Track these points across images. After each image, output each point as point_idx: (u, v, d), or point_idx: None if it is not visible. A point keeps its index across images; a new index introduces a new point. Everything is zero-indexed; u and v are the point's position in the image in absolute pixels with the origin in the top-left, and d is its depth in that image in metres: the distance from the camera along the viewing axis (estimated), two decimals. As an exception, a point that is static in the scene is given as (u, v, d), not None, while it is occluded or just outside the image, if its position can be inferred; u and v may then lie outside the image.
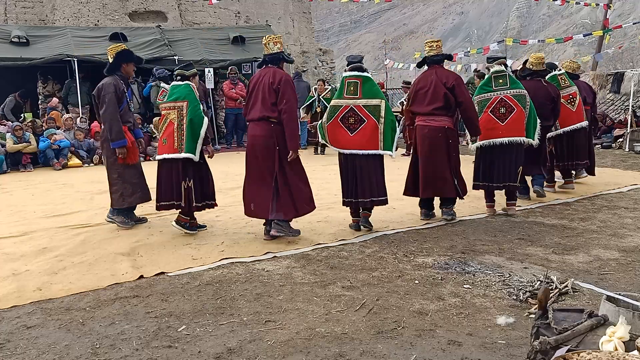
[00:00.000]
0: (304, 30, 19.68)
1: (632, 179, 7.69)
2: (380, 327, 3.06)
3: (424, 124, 5.40)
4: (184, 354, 2.79)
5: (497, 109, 5.67)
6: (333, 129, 5.06)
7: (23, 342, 2.96)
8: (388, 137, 5.00)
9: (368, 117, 4.97)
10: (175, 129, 4.98)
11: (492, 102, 5.69)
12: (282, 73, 4.76)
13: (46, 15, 15.45)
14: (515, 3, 60.98)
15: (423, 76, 5.53)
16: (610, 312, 2.15)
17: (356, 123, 4.97)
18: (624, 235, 4.89)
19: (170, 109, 5.07)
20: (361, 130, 4.96)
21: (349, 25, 78.52)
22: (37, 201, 7.00)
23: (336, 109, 5.05)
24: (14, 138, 10.04)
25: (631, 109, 11.65)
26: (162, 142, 5.11)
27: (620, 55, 29.30)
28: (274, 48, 4.78)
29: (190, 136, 4.94)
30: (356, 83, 5.00)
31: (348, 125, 4.99)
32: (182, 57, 12.85)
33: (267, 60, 4.83)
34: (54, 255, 4.58)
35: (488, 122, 5.63)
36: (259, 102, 4.72)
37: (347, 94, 5.02)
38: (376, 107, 4.97)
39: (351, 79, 5.03)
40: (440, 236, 4.97)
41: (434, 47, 5.53)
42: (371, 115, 4.97)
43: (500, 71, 5.76)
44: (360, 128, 4.96)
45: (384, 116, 4.98)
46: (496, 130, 5.62)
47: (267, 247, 4.65)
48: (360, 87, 4.99)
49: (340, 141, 5.03)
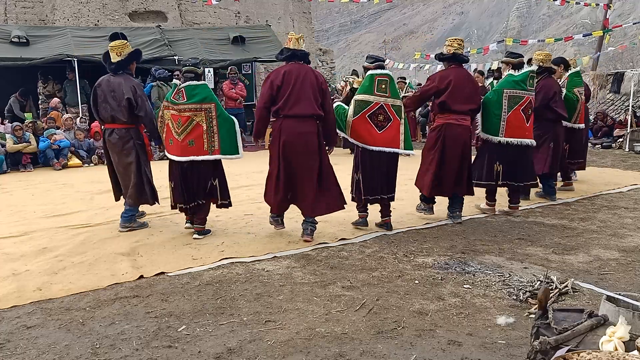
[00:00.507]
0: (304, 30, 19.68)
1: (632, 179, 7.69)
2: (380, 327, 3.06)
3: (457, 123, 5.35)
4: (184, 354, 2.79)
5: (527, 109, 5.57)
6: (360, 125, 5.03)
7: (23, 342, 2.96)
8: (408, 136, 5.14)
9: (394, 116, 5.04)
10: (205, 131, 4.88)
11: (525, 101, 5.53)
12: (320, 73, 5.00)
13: (46, 15, 15.46)
14: (515, 3, 60.98)
15: (456, 73, 5.40)
16: (610, 312, 2.15)
17: (385, 121, 5.01)
18: (624, 235, 4.89)
19: (197, 110, 4.88)
20: (389, 128, 5.02)
21: (349, 25, 78.54)
22: (37, 201, 7.00)
23: (366, 105, 5.02)
24: (14, 138, 10.04)
25: (631, 109, 11.66)
26: (187, 144, 4.89)
27: (620, 55, 29.29)
28: (302, 45, 4.85)
29: (228, 137, 4.97)
30: (386, 81, 5.02)
31: (377, 123, 5.00)
32: (182, 57, 12.87)
33: (299, 55, 4.83)
34: (54, 255, 4.58)
35: (517, 120, 5.53)
36: (306, 98, 4.70)
37: (378, 91, 5.01)
38: (400, 108, 5.08)
39: (382, 77, 5.04)
40: (440, 236, 4.97)
41: (462, 46, 5.51)
42: (396, 114, 5.04)
43: (533, 72, 5.69)
44: (388, 126, 5.01)
45: (403, 117, 5.11)
46: (523, 130, 5.56)
47: (267, 247, 4.65)
48: (389, 86, 5.03)
49: (367, 137, 5.02)
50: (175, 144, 4.95)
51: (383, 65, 5.21)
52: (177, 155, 4.93)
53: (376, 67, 5.11)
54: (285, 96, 4.67)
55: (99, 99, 5.29)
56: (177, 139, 4.91)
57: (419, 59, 18.82)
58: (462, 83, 5.33)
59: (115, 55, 5.23)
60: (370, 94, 5.01)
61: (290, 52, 4.79)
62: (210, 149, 4.90)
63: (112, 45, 5.30)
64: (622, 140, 11.53)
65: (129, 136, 5.28)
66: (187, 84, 4.91)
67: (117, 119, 5.24)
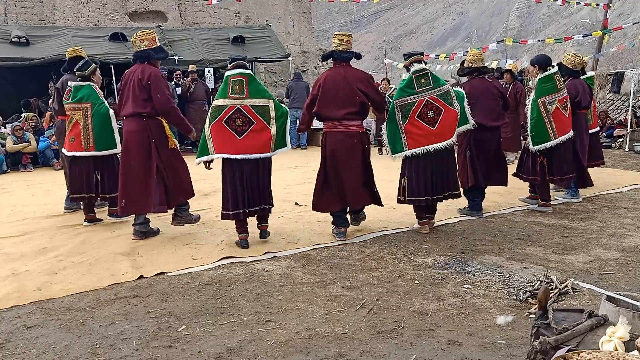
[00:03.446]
0: (304, 30, 19.69)
1: (632, 179, 7.68)
2: (380, 327, 3.06)
3: (336, 129, 4.80)
4: (184, 354, 2.79)
5: (424, 112, 4.87)
6: (217, 132, 4.56)
7: (23, 342, 2.96)
8: (281, 135, 4.67)
9: (257, 118, 4.55)
10: (82, 129, 5.43)
11: (417, 106, 4.87)
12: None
13: (46, 15, 15.46)
14: (515, 3, 61.02)
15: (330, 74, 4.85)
16: (610, 312, 2.14)
17: (244, 125, 4.53)
18: (624, 235, 4.89)
19: (76, 109, 5.48)
20: (250, 132, 4.54)
21: (349, 25, 78.53)
22: (37, 201, 7.00)
23: (220, 110, 4.55)
24: (14, 138, 10.04)
25: (631, 109, 11.65)
26: (69, 140, 5.57)
27: (620, 55, 29.31)
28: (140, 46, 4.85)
29: (102, 134, 5.47)
30: (242, 82, 4.57)
31: (235, 128, 4.52)
32: (182, 57, 12.88)
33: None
34: (54, 255, 4.58)
35: (415, 128, 4.89)
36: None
37: (232, 93, 4.56)
38: (264, 108, 4.58)
39: (236, 77, 4.58)
40: (440, 236, 4.97)
41: (343, 42, 4.88)
42: (259, 116, 4.56)
43: (422, 70, 4.95)
44: (250, 130, 4.53)
45: (274, 117, 4.61)
46: (429, 137, 4.90)
47: (267, 247, 4.65)
48: (246, 87, 4.56)
49: (227, 145, 4.52)
50: (67, 140, 5.67)
51: (242, 64, 4.66)
52: (66, 150, 5.67)
53: (234, 68, 4.64)
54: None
55: None
56: (67, 134, 5.65)
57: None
58: (334, 86, 4.76)
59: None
60: (225, 97, 4.56)
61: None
62: (86, 145, 5.47)
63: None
64: (622, 140, 11.53)
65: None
66: (73, 84, 5.53)
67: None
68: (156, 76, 4.76)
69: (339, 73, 4.80)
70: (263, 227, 4.85)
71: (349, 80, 4.75)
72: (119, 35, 12.99)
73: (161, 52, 4.98)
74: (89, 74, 5.54)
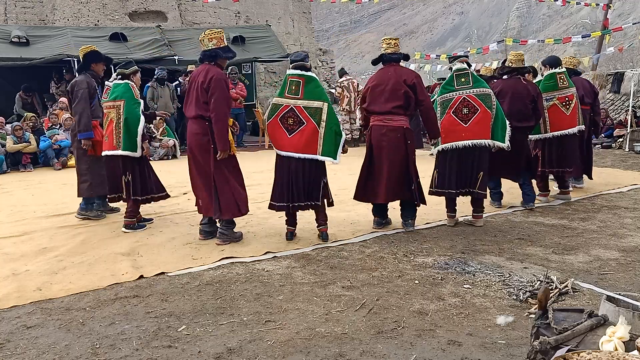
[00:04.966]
0: (304, 30, 19.69)
1: (632, 179, 7.69)
2: (380, 327, 3.06)
3: (382, 124, 4.99)
4: (184, 354, 2.79)
5: (459, 108, 5.14)
6: (272, 129, 4.78)
7: (23, 342, 2.96)
8: (328, 141, 4.70)
9: (308, 119, 4.67)
10: (114, 127, 5.29)
11: (455, 102, 5.14)
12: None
13: (46, 15, 15.46)
14: (515, 3, 61.04)
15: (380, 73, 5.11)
16: (610, 312, 2.14)
17: (295, 124, 4.69)
18: (624, 235, 4.89)
19: (111, 107, 5.35)
20: (299, 132, 4.68)
21: (349, 25, 78.58)
22: (37, 201, 7.00)
23: (277, 108, 4.75)
24: (14, 138, 10.04)
25: (631, 109, 11.66)
26: (103, 139, 5.46)
27: (620, 55, 29.30)
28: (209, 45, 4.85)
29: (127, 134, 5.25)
30: (299, 82, 4.70)
31: (287, 126, 4.71)
32: (182, 57, 12.88)
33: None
34: (54, 255, 4.58)
35: (449, 124, 5.15)
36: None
37: (288, 93, 4.72)
38: (317, 110, 4.68)
39: (294, 77, 4.72)
40: (440, 236, 4.97)
41: (391, 45, 5.14)
42: (312, 118, 4.67)
43: (463, 69, 5.24)
44: (299, 130, 4.68)
45: (324, 120, 4.68)
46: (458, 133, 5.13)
47: (267, 247, 4.65)
48: (302, 88, 4.69)
49: (278, 142, 4.75)
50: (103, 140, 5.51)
51: (302, 65, 4.74)
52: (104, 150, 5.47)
53: (294, 68, 4.76)
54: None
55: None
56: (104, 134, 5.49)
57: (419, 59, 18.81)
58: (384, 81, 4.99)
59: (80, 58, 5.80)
60: (282, 96, 4.75)
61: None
62: (117, 144, 5.29)
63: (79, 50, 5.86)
64: (622, 140, 11.53)
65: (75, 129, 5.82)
66: (113, 83, 5.41)
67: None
68: (217, 79, 4.59)
69: (387, 71, 5.09)
70: (321, 229, 4.88)
71: (397, 76, 5.00)
72: (119, 35, 13.00)
73: (229, 52, 4.96)
74: (129, 74, 5.43)
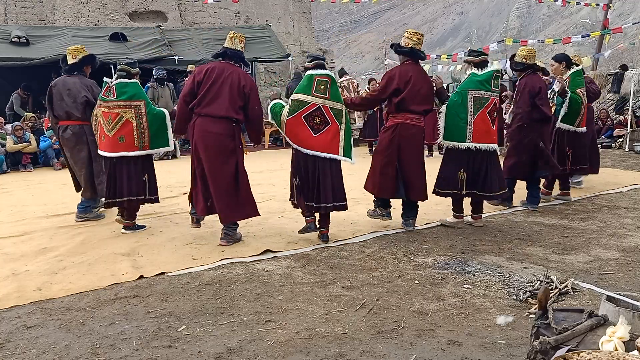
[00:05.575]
0: (304, 30, 19.69)
1: (632, 179, 7.69)
2: (380, 327, 3.06)
3: (412, 123, 5.00)
4: (184, 354, 2.79)
5: (492, 112, 5.14)
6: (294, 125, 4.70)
7: (23, 342, 2.96)
8: (348, 143, 4.80)
9: (333, 119, 4.71)
10: (135, 127, 5.12)
11: (490, 103, 5.12)
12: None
13: (46, 15, 15.47)
14: (515, 3, 61.03)
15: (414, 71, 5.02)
16: (610, 312, 2.14)
17: (322, 124, 4.68)
18: (624, 235, 4.89)
19: (126, 107, 5.13)
20: (325, 132, 4.68)
21: (349, 25, 78.61)
22: (37, 201, 7.00)
23: (302, 105, 4.68)
24: (14, 138, 10.05)
25: (631, 109, 11.66)
26: (117, 140, 5.12)
27: (621, 55, 29.31)
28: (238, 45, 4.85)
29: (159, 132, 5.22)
30: (326, 82, 4.71)
31: (312, 125, 4.67)
32: (182, 57, 12.89)
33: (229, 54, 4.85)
34: (54, 255, 4.58)
35: (484, 124, 5.10)
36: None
37: (316, 92, 4.68)
38: (340, 112, 4.74)
39: (322, 77, 4.72)
40: (440, 236, 4.97)
41: (421, 41, 5.10)
42: (335, 118, 4.72)
43: (498, 71, 5.28)
44: (325, 130, 4.68)
45: (344, 122, 4.78)
46: (490, 135, 5.14)
47: (267, 247, 4.64)
48: (329, 88, 4.71)
49: (301, 139, 4.70)
50: (107, 140, 5.20)
51: (323, 64, 4.85)
52: (108, 152, 5.18)
53: (315, 67, 4.78)
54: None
55: (55, 97, 5.76)
56: (109, 135, 5.17)
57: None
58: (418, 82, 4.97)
59: (71, 58, 5.78)
60: (308, 94, 4.69)
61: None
62: (140, 144, 5.16)
63: (69, 49, 5.90)
64: (622, 140, 11.53)
65: (82, 132, 5.72)
66: (117, 82, 5.20)
67: (72, 116, 5.69)
68: (255, 87, 4.85)
69: (420, 71, 5.12)
70: (322, 231, 4.82)
71: (428, 79, 5.16)
72: (119, 35, 13.01)
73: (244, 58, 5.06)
74: (135, 73, 5.33)
